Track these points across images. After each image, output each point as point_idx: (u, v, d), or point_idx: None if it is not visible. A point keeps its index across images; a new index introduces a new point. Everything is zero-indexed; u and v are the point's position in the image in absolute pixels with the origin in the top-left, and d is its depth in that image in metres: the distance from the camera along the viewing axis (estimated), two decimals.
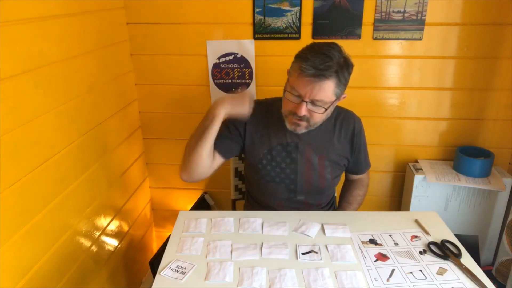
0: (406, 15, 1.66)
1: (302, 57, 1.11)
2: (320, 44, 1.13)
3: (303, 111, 1.12)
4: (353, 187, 1.46)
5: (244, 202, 1.56)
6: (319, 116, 1.16)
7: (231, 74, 1.82)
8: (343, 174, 1.43)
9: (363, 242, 1.10)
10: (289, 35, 1.72)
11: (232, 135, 1.30)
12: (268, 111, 1.30)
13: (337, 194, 1.57)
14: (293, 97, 1.13)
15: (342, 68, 1.10)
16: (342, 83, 1.12)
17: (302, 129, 1.19)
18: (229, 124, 1.30)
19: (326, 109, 1.14)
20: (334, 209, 1.51)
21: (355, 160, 1.37)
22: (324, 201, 1.40)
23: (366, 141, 1.39)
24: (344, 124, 1.31)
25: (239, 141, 1.31)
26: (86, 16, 1.39)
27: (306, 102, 1.11)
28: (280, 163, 1.29)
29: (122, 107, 1.72)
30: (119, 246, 1.69)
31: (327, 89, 1.09)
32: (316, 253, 1.06)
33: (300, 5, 1.67)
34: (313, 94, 1.09)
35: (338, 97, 1.15)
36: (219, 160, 1.27)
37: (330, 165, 1.31)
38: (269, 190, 1.33)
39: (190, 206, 1.99)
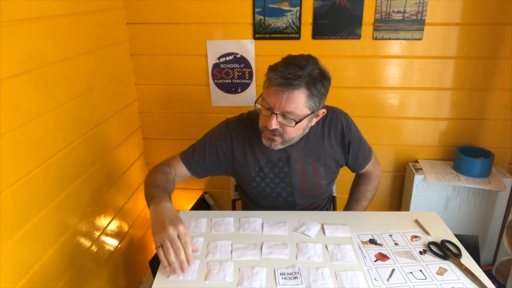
0: (406, 15, 1.66)
1: (272, 68, 1.06)
2: (294, 56, 1.08)
3: (273, 124, 1.06)
4: (361, 182, 1.42)
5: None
6: (292, 131, 1.09)
7: (231, 74, 1.82)
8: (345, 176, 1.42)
9: (363, 242, 1.10)
10: (289, 35, 1.72)
11: (211, 160, 1.24)
12: (252, 128, 1.22)
13: (336, 192, 1.57)
14: (264, 110, 1.08)
15: (315, 80, 1.04)
16: (316, 96, 1.05)
17: (277, 145, 1.13)
18: (211, 149, 1.23)
19: (297, 122, 1.06)
20: (333, 203, 1.49)
21: (353, 156, 1.30)
22: (323, 202, 1.40)
23: (360, 133, 1.31)
24: (332, 126, 1.25)
25: (222, 166, 1.26)
26: (86, 16, 1.39)
27: (276, 114, 1.05)
28: (273, 179, 1.26)
29: (122, 107, 1.72)
30: (119, 246, 1.69)
31: (297, 100, 1.03)
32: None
33: (300, 5, 1.67)
34: (282, 105, 1.03)
35: (313, 111, 1.08)
36: (186, 175, 1.25)
37: (324, 171, 1.27)
38: (268, 203, 1.30)
39: (190, 206, 1.99)
